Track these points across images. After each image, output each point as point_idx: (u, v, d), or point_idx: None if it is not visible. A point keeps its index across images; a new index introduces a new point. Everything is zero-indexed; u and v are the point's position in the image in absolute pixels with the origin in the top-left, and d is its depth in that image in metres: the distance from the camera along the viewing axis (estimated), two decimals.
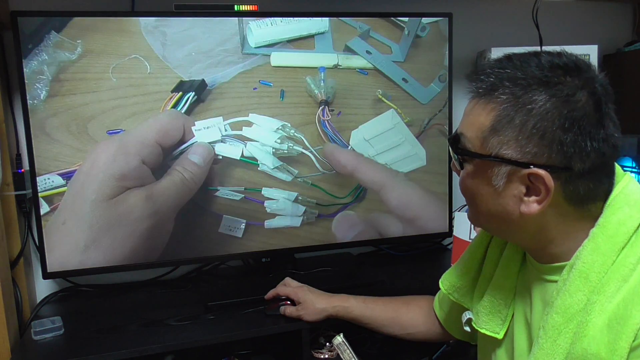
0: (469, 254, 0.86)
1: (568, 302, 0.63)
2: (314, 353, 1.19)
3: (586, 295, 0.62)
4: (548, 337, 0.64)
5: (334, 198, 1.36)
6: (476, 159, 0.67)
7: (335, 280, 1.35)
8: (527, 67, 0.63)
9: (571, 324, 0.63)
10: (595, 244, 0.64)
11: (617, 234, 0.64)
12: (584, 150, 0.61)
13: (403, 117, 1.39)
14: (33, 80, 1.14)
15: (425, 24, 1.38)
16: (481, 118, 0.65)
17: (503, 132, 0.63)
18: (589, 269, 0.63)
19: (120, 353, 1.00)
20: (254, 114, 1.28)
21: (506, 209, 0.66)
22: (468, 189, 0.70)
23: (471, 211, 0.74)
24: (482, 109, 0.65)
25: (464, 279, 0.86)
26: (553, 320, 0.64)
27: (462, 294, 0.87)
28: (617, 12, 1.80)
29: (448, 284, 0.89)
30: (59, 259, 1.18)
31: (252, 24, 1.26)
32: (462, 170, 0.70)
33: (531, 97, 0.62)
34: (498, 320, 0.77)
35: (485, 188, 0.67)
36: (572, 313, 0.63)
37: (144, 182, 1.20)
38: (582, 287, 0.63)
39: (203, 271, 1.44)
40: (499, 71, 0.65)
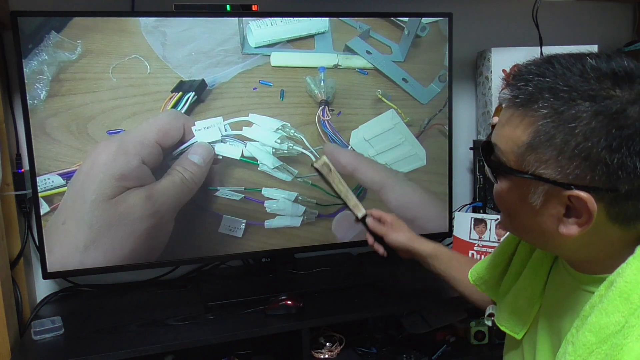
0: (500, 249, 0.85)
1: (604, 322, 0.57)
2: (314, 353, 1.19)
3: (625, 317, 0.56)
4: (578, 355, 0.58)
5: (334, 198, 1.36)
6: (514, 175, 0.61)
7: (335, 280, 1.35)
8: (570, 75, 0.56)
9: (605, 345, 0.57)
10: (637, 267, 0.58)
11: None
12: (632, 172, 0.54)
13: (403, 117, 1.39)
14: (33, 80, 1.14)
15: (425, 24, 1.38)
16: (518, 132, 0.59)
17: (542, 151, 0.57)
18: (632, 289, 0.57)
19: (120, 353, 1.01)
20: (254, 114, 1.28)
21: (543, 227, 0.62)
22: (503, 203, 0.66)
23: (505, 221, 0.69)
24: (520, 121, 0.59)
25: (491, 272, 0.86)
26: (585, 338, 0.58)
27: (489, 286, 0.87)
28: (617, 12, 1.80)
29: (476, 275, 0.89)
30: (59, 259, 1.18)
31: (252, 24, 1.26)
32: (496, 183, 0.65)
33: (575, 114, 0.54)
34: (519, 321, 0.75)
35: (522, 205, 0.62)
36: (607, 334, 0.57)
37: (144, 182, 1.20)
38: (621, 308, 0.57)
39: (203, 271, 1.44)
40: (538, 79, 0.58)
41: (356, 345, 1.27)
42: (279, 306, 1.14)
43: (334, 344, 1.23)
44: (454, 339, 1.32)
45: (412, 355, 1.24)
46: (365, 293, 1.26)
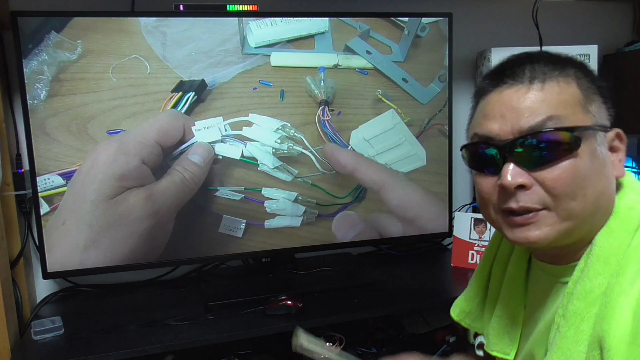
0: (474, 278, 0.85)
1: (588, 286, 0.62)
2: None
3: (606, 279, 0.61)
4: (571, 325, 0.62)
5: (334, 198, 1.36)
6: (588, 131, 0.61)
7: (335, 280, 1.35)
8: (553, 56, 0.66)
9: (593, 308, 0.61)
10: (609, 229, 0.63)
11: (629, 218, 0.64)
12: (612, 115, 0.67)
13: (403, 117, 1.39)
14: (33, 80, 1.14)
15: (425, 24, 1.38)
16: (566, 94, 0.62)
17: (593, 101, 0.64)
18: (608, 252, 0.62)
19: (120, 353, 1.00)
20: (254, 114, 1.28)
21: (609, 180, 0.65)
22: (579, 174, 0.61)
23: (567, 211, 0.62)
24: (558, 87, 0.62)
25: (472, 303, 0.85)
26: (574, 306, 0.62)
27: (472, 319, 0.85)
28: (617, 12, 1.80)
29: (458, 311, 0.87)
30: (59, 259, 1.18)
31: (252, 24, 1.26)
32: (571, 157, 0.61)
33: (586, 69, 0.66)
34: (507, 341, 0.76)
35: (595, 165, 0.62)
36: (594, 297, 0.61)
37: (144, 182, 1.20)
38: (602, 270, 0.61)
39: (203, 271, 1.44)
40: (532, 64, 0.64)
41: (356, 345, 1.27)
42: (279, 306, 1.14)
43: (334, 344, 1.23)
44: (454, 339, 1.32)
45: None
46: (365, 293, 1.26)
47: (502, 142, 0.63)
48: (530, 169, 0.62)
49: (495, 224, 0.68)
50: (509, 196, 0.63)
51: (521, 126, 0.62)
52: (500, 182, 0.62)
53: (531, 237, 0.62)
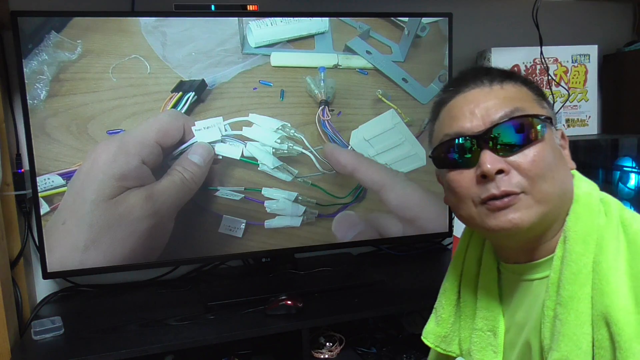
0: (444, 300, 0.84)
1: (575, 269, 0.64)
2: (314, 353, 1.19)
3: (590, 259, 0.64)
4: (570, 309, 0.63)
5: (334, 198, 1.36)
6: (549, 122, 0.68)
7: (335, 280, 1.35)
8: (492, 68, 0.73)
9: (585, 287, 0.63)
10: (576, 214, 0.67)
11: (590, 203, 0.68)
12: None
13: (403, 117, 1.39)
14: (33, 80, 1.14)
15: (425, 24, 1.38)
16: (521, 92, 0.69)
17: (542, 98, 0.70)
18: (583, 234, 0.65)
19: (120, 353, 1.00)
20: (254, 114, 1.28)
21: (567, 169, 0.70)
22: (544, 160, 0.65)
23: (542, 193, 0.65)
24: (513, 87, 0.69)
25: (446, 325, 0.83)
26: (567, 291, 0.64)
27: (448, 342, 0.83)
28: (617, 12, 1.80)
29: (433, 337, 0.84)
30: (59, 259, 1.18)
31: (252, 24, 1.26)
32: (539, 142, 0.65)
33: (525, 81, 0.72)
34: (491, 354, 0.76)
35: (556, 153, 0.68)
36: (583, 278, 0.63)
37: (144, 182, 1.20)
38: (583, 251, 0.64)
39: (203, 271, 1.44)
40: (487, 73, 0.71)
41: (356, 345, 1.27)
42: (279, 306, 1.14)
43: (334, 344, 1.23)
44: None
45: (412, 355, 1.24)
46: (365, 293, 1.26)
47: (476, 133, 0.66)
48: (505, 155, 0.65)
49: (476, 218, 0.68)
50: (487, 184, 0.65)
51: (492, 118, 0.66)
52: (481, 170, 0.65)
53: (514, 219, 0.64)
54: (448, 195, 0.74)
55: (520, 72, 1.55)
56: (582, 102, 1.60)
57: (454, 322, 0.83)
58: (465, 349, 0.80)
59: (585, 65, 1.59)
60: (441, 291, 0.85)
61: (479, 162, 0.65)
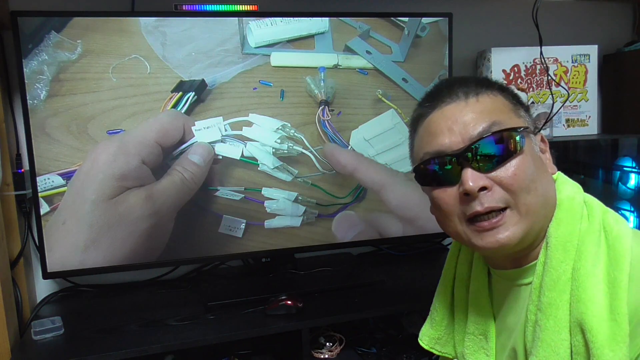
0: (438, 303, 0.85)
1: (555, 275, 0.65)
2: (314, 353, 1.19)
3: (569, 265, 0.65)
4: (549, 315, 0.65)
5: (334, 198, 1.36)
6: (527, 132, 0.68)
7: (335, 280, 1.35)
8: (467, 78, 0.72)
9: (564, 294, 0.64)
10: (558, 220, 0.67)
11: (572, 208, 0.68)
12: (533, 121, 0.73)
13: (403, 117, 1.39)
14: (33, 80, 1.14)
15: (425, 24, 1.38)
16: (498, 103, 0.68)
17: (519, 108, 0.70)
18: (564, 240, 0.66)
19: (120, 353, 1.00)
20: (254, 114, 1.28)
21: (549, 176, 0.70)
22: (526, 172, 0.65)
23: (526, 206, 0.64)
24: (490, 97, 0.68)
25: (440, 328, 0.84)
26: (547, 297, 0.65)
27: (442, 344, 0.85)
28: (617, 12, 1.80)
29: (428, 339, 0.85)
30: (59, 259, 1.18)
31: (252, 24, 1.26)
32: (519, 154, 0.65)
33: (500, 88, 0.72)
34: (483, 356, 0.77)
35: (536, 161, 0.68)
36: (563, 284, 0.65)
37: (144, 182, 1.20)
38: (563, 258, 0.65)
39: (203, 271, 1.44)
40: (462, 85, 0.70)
41: (356, 345, 1.27)
42: (279, 306, 1.14)
43: (334, 344, 1.23)
44: None
45: (412, 355, 1.24)
46: (365, 293, 1.26)
47: (456, 151, 0.65)
48: (486, 172, 0.64)
49: (462, 236, 0.68)
50: (471, 202, 0.65)
51: (470, 134, 0.65)
52: (463, 189, 0.64)
53: (502, 239, 0.64)
54: (434, 210, 0.73)
55: (521, 71, 1.55)
56: (582, 102, 1.60)
57: (448, 325, 0.84)
58: (459, 351, 0.81)
59: (585, 65, 1.59)
60: (436, 294, 0.86)
61: (461, 180, 0.64)
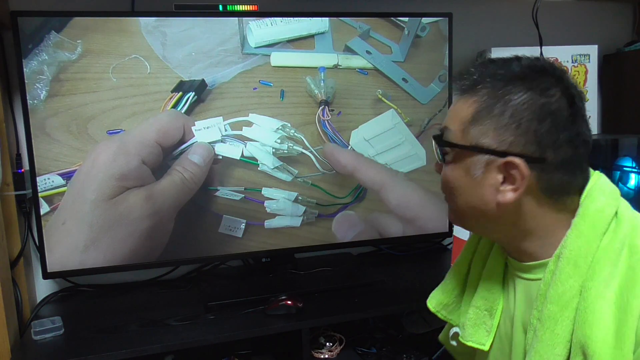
0: (454, 271, 0.86)
1: (560, 290, 0.64)
2: (314, 353, 1.19)
3: (578, 282, 0.64)
4: (546, 328, 0.64)
5: (334, 198, 1.36)
6: (457, 149, 0.69)
7: (335, 280, 1.35)
8: (508, 66, 0.67)
9: (567, 311, 0.64)
10: (579, 232, 0.66)
11: (597, 221, 0.66)
12: (557, 142, 0.64)
13: (403, 117, 1.39)
14: (33, 80, 1.14)
15: (425, 24, 1.38)
16: (463, 111, 0.68)
17: (482, 122, 0.66)
18: (577, 255, 0.64)
19: (120, 353, 1.00)
20: (254, 114, 1.28)
21: (483, 199, 0.68)
22: (448, 182, 0.72)
23: (450, 207, 0.75)
24: (464, 102, 0.68)
25: (450, 295, 0.86)
26: (548, 310, 0.65)
27: (449, 311, 0.86)
28: (617, 12, 1.80)
29: (435, 302, 0.87)
30: (59, 259, 1.18)
31: (252, 24, 1.26)
32: (444, 163, 0.72)
33: (510, 90, 0.65)
34: (483, 332, 0.77)
35: (464, 179, 0.69)
36: (566, 300, 0.64)
37: (144, 182, 1.20)
38: (572, 273, 0.64)
39: (203, 271, 1.44)
40: (481, 70, 0.68)
41: (356, 345, 1.27)
42: (279, 306, 1.14)
43: (334, 344, 1.23)
44: None
45: (412, 355, 1.24)
46: (365, 293, 1.26)
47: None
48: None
49: None
50: None
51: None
52: None
53: (449, 216, 0.77)
54: None
55: None
56: None
57: (459, 294, 0.85)
58: (462, 321, 0.82)
59: (585, 65, 1.59)
60: (454, 263, 0.87)
61: None
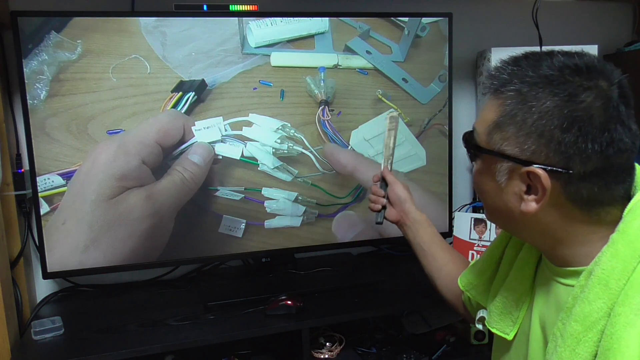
0: (487, 254, 0.87)
1: (587, 310, 0.61)
2: (314, 353, 1.19)
3: (606, 304, 0.60)
4: (567, 346, 0.62)
5: (334, 198, 1.36)
6: (482, 153, 0.68)
7: (335, 280, 1.35)
8: (539, 66, 0.62)
9: (590, 332, 0.60)
10: (615, 250, 0.61)
11: (637, 240, 0.60)
12: (584, 152, 0.59)
13: (403, 117, 1.39)
14: (33, 80, 1.14)
15: (425, 24, 1.38)
16: (489, 114, 0.66)
17: (505, 128, 0.63)
18: (609, 275, 0.60)
19: (120, 353, 1.01)
20: (254, 114, 1.28)
21: (508, 205, 0.67)
22: (477, 184, 0.73)
23: (484, 207, 0.75)
24: (492, 105, 0.66)
25: (481, 277, 0.87)
26: (572, 328, 0.62)
27: (478, 292, 0.87)
28: (617, 12, 1.80)
29: (466, 281, 0.90)
30: (59, 259, 1.18)
31: (252, 24, 1.26)
32: (474, 165, 0.72)
33: (535, 95, 0.61)
34: (509, 322, 0.77)
35: (490, 183, 0.68)
36: (592, 321, 0.60)
37: (144, 182, 1.20)
38: (601, 294, 0.60)
39: (203, 271, 1.44)
40: (512, 68, 0.64)
41: (356, 345, 1.27)
42: (279, 306, 1.14)
43: (334, 344, 1.23)
44: (454, 339, 1.32)
45: (412, 355, 1.24)
46: (365, 293, 1.26)
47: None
48: None
49: None
50: None
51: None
52: None
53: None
54: None
55: None
56: None
57: (490, 278, 0.85)
58: (489, 305, 0.82)
59: None
60: (490, 245, 0.87)
61: None
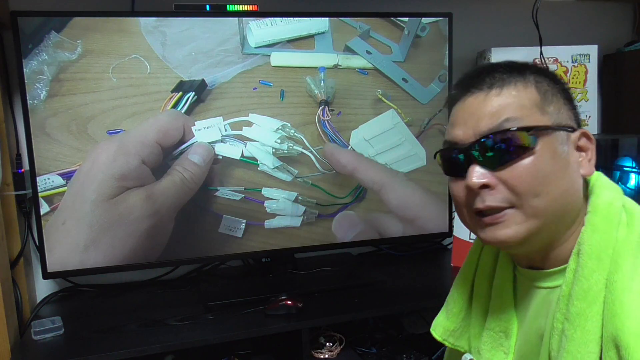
0: (456, 294, 0.83)
1: (586, 285, 0.62)
2: (314, 353, 1.19)
3: (602, 276, 0.62)
4: (577, 326, 0.62)
5: (334, 198, 1.36)
6: (547, 131, 0.63)
7: (335, 280, 1.35)
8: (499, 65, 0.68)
9: (595, 306, 0.61)
10: (593, 226, 0.64)
11: (610, 213, 0.65)
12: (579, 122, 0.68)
13: (403, 117, 1.39)
14: (33, 80, 1.14)
15: (425, 24, 1.38)
16: (524, 96, 0.64)
17: (553, 100, 0.65)
18: (598, 249, 0.63)
19: (120, 353, 1.00)
20: (254, 114, 1.28)
21: (572, 178, 0.65)
22: (540, 177, 0.63)
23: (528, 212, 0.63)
24: (515, 90, 0.65)
25: (456, 320, 0.82)
26: (576, 307, 0.62)
27: (457, 337, 0.83)
28: (617, 12, 1.80)
29: (442, 330, 0.84)
30: (59, 259, 1.18)
31: (252, 24, 1.26)
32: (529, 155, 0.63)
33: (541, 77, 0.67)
34: (501, 355, 0.75)
35: (552, 162, 0.63)
36: (593, 296, 0.62)
37: (144, 182, 1.20)
38: (596, 267, 0.62)
39: (203, 271, 1.44)
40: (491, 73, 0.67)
41: (356, 345, 1.27)
42: (279, 306, 1.14)
43: (334, 344, 1.23)
44: None
45: (412, 355, 1.24)
46: (365, 293, 1.26)
47: (465, 145, 0.65)
48: (492, 169, 0.64)
49: (470, 227, 0.69)
50: (476, 197, 0.65)
51: (481, 129, 0.64)
52: (466, 183, 0.65)
53: (500, 237, 0.64)
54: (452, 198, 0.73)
55: None
56: (582, 102, 1.60)
57: (465, 317, 0.82)
58: (474, 346, 0.80)
59: (585, 65, 1.59)
60: (454, 284, 0.84)
61: (466, 175, 0.65)
